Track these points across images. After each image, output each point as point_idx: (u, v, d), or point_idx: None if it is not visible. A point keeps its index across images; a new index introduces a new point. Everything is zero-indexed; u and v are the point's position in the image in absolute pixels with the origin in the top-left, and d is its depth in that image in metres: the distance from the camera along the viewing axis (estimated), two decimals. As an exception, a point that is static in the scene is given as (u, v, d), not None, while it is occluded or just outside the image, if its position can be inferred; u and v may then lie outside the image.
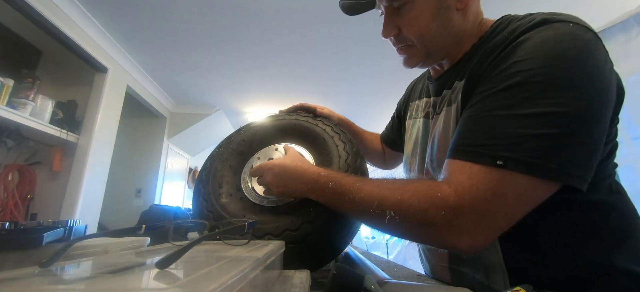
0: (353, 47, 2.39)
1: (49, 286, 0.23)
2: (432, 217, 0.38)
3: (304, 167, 0.53)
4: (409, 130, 0.71)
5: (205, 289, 0.16)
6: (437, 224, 0.38)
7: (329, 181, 0.48)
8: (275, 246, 0.39)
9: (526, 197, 0.38)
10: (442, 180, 0.42)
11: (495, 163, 0.37)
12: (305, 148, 0.66)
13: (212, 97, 3.36)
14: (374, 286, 0.35)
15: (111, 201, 2.59)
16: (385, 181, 0.45)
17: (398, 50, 0.59)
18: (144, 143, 3.29)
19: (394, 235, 0.46)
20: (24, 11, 1.67)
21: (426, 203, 0.39)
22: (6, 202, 1.83)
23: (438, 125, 0.55)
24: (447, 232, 0.38)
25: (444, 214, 0.38)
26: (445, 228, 0.38)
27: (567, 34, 0.40)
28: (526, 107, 0.38)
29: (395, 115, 0.88)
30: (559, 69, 0.38)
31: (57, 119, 2.01)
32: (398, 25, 0.55)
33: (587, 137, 0.38)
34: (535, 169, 0.36)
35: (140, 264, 0.30)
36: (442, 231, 0.39)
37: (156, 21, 2.09)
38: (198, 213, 0.59)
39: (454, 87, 0.54)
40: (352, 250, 0.99)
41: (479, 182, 0.37)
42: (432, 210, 0.38)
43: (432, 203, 0.39)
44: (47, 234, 0.36)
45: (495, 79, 0.42)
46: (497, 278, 0.47)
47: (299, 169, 0.52)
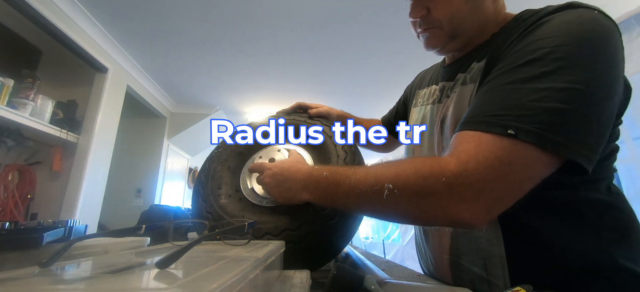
0: (353, 47, 2.39)
1: (49, 286, 0.23)
2: (431, 185, 0.37)
3: (299, 166, 0.53)
4: (413, 117, 0.70)
5: (205, 289, 0.16)
6: (437, 192, 0.37)
7: (324, 171, 0.49)
8: (275, 246, 0.39)
9: (533, 169, 0.37)
10: (446, 153, 0.41)
11: (506, 132, 0.36)
12: (304, 148, 0.66)
13: (212, 97, 3.36)
14: (374, 286, 0.35)
15: (111, 201, 2.59)
16: (381, 162, 0.45)
17: (420, 32, 0.58)
18: (144, 143, 3.29)
19: (393, 216, 0.45)
20: (24, 11, 1.67)
21: (425, 172, 0.38)
22: (6, 202, 1.83)
23: (449, 107, 0.55)
24: (448, 201, 0.37)
25: (444, 180, 0.36)
26: (445, 197, 0.37)
27: (591, 19, 0.40)
28: (543, 81, 0.38)
29: (401, 100, 0.87)
30: (580, 48, 0.38)
31: (57, 119, 2.01)
32: (427, 5, 0.54)
33: (596, 120, 0.38)
34: (545, 141, 0.36)
35: (140, 264, 0.30)
36: (443, 201, 0.37)
37: (156, 21, 2.09)
38: (197, 214, 0.59)
39: (471, 69, 0.53)
40: (352, 250, 0.99)
41: (487, 149, 0.37)
42: (431, 178, 0.37)
43: (431, 171, 0.38)
44: (47, 234, 0.36)
45: (515, 56, 0.42)
46: (496, 272, 0.46)
47: (294, 168, 0.53)
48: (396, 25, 2.10)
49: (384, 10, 1.96)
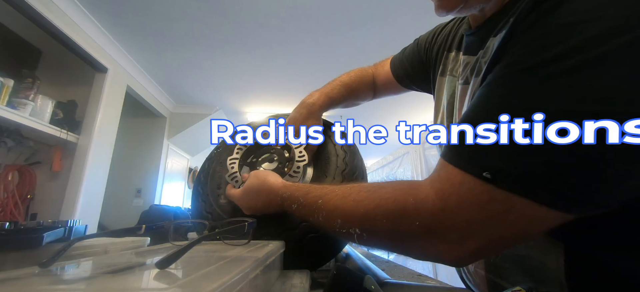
0: (353, 47, 2.39)
1: (49, 286, 0.23)
2: (404, 229, 0.32)
3: (267, 189, 0.51)
4: (442, 88, 0.57)
5: (205, 289, 0.16)
6: (412, 235, 0.32)
7: (293, 203, 0.45)
8: (275, 246, 0.39)
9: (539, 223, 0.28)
10: (428, 178, 0.33)
11: (482, 175, 0.28)
12: None
13: (212, 97, 3.36)
14: (374, 286, 0.35)
15: (111, 201, 2.59)
16: (353, 188, 0.39)
17: None
18: (144, 143, 3.29)
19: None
20: (24, 11, 1.67)
21: (397, 212, 0.32)
22: (6, 202, 1.83)
23: (465, 101, 0.46)
24: (426, 242, 0.31)
25: (418, 224, 0.31)
26: (423, 239, 0.31)
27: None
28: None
29: (416, 54, 0.70)
30: None
31: (57, 119, 2.01)
32: None
33: None
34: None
35: (140, 264, 0.30)
36: (419, 242, 0.32)
37: (156, 21, 2.09)
38: (197, 214, 0.59)
39: (486, 47, 0.43)
40: (352, 250, 0.99)
41: (466, 192, 0.29)
42: (404, 219, 0.32)
43: (405, 211, 0.32)
44: (47, 234, 0.36)
45: (527, 48, 0.28)
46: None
47: (264, 193, 0.51)
48: (398, 25, 2.10)
49: (386, 10, 1.96)
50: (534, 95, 0.26)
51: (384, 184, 0.37)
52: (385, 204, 0.33)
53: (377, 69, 0.81)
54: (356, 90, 0.78)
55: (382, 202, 0.34)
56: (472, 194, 0.28)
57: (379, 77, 0.80)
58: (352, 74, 0.79)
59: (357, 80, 0.78)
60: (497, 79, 0.30)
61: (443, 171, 0.32)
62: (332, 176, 0.57)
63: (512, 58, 0.29)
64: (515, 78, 0.28)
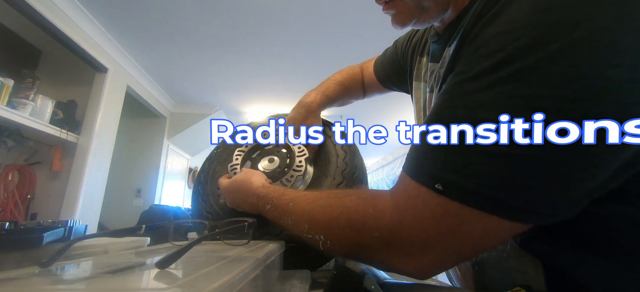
0: (353, 47, 2.39)
1: (49, 286, 0.23)
2: (365, 240, 0.32)
3: (247, 186, 0.51)
4: (416, 94, 0.59)
5: (205, 289, 0.16)
6: (372, 247, 0.32)
7: (267, 204, 0.46)
8: (275, 245, 0.39)
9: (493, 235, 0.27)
10: (391, 189, 0.34)
11: (434, 187, 0.27)
12: None
13: (212, 97, 3.36)
14: (374, 286, 0.35)
15: (111, 201, 2.59)
16: (322, 194, 0.39)
17: (384, 7, 0.47)
18: (144, 143, 3.29)
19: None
20: (24, 11, 1.67)
21: (359, 223, 0.32)
22: (6, 202, 1.83)
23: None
24: (387, 255, 0.31)
25: (376, 235, 0.31)
26: (383, 251, 0.31)
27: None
28: None
29: (392, 57, 0.72)
30: None
31: (57, 119, 2.01)
32: None
33: None
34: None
35: (140, 264, 0.30)
36: (380, 254, 0.32)
37: (156, 21, 2.09)
38: (197, 214, 0.59)
39: (443, 57, 0.43)
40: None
41: (421, 205, 0.29)
42: (364, 231, 0.32)
43: (365, 223, 0.32)
44: (47, 234, 0.36)
45: (471, 58, 0.29)
46: None
47: (243, 189, 0.51)
48: (396, 25, 2.10)
49: (384, 10, 1.96)
50: (477, 104, 0.26)
51: (351, 191, 0.38)
52: (347, 212, 0.33)
53: (364, 69, 0.83)
54: (350, 89, 0.80)
55: (345, 210, 0.34)
56: (426, 208, 0.28)
57: (366, 78, 0.82)
58: (344, 72, 0.80)
59: (349, 79, 0.80)
60: (447, 89, 0.30)
61: (402, 182, 0.32)
62: (333, 176, 0.57)
63: (460, 67, 0.30)
64: (459, 87, 0.29)
